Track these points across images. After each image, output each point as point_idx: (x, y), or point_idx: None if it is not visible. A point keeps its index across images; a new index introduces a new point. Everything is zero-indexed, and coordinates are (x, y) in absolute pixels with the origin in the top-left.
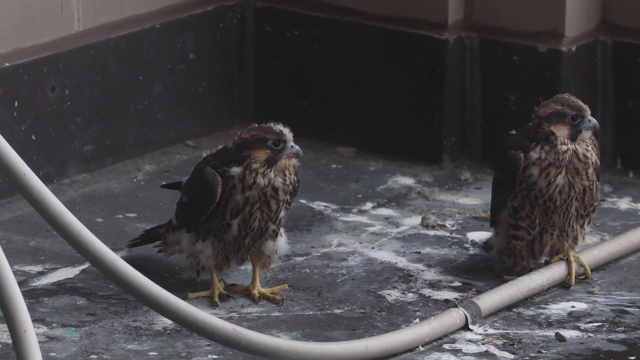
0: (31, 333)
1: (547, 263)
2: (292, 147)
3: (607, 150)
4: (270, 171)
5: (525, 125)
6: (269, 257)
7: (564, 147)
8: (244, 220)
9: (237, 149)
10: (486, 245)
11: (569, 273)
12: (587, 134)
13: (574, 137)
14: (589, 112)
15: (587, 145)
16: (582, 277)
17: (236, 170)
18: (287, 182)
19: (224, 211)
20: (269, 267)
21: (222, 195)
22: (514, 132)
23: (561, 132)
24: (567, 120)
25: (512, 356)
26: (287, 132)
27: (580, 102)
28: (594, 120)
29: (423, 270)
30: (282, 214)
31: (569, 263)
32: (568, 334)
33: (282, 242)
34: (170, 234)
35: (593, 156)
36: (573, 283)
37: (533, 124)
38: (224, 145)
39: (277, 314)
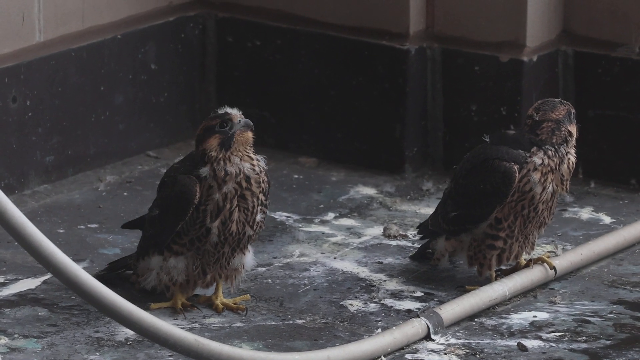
0: None
1: (514, 269)
2: (239, 121)
3: None
4: (231, 154)
5: (506, 133)
6: (235, 270)
7: (568, 150)
8: (224, 222)
9: (196, 148)
10: (422, 251)
11: (547, 264)
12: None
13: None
14: None
15: (575, 153)
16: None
17: (205, 169)
18: (256, 170)
19: (203, 216)
20: (234, 281)
21: (200, 199)
22: (487, 138)
23: (573, 130)
24: (572, 117)
25: None
26: (231, 110)
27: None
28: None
29: (385, 281)
30: (258, 217)
31: (543, 261)
32: (530, 343)
33: (249, 257)
34: (140, 261)
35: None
36: (553, 264)
37: (546, 128)
38: (185, 154)
39: (239, 324)
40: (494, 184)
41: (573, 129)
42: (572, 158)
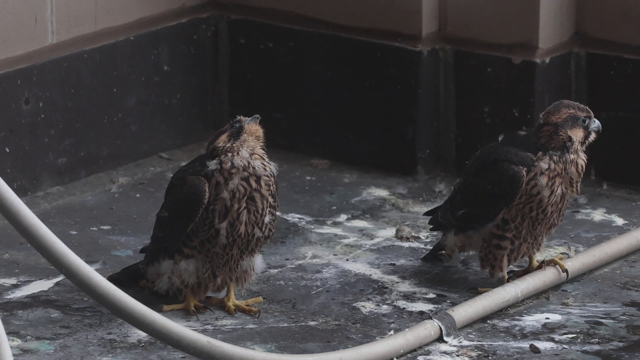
0: (5, 346)
1: (526, 271)
2: (247, 119)
3: None
4: (240, 145)
5: (518, 133)
6: (244, 272)
7: (572, 156)
8: (232, 223)
9: (207, 150)
10: (434, 252)
11: (560, 266)
12: (592, 137)
13: (585, 139)
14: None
15: (585, 156)
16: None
17: (212, 162)
18: (268, 172)
19: (212, 216)
20: (244, 284)
21: (209, 198)
22: (501, 137)
23: (577, 136)
24: (579, 122)
25: None
26: (241, 117)
27: (581, 105)
28: (597, 122)
29: (397, 282)
30: (267, 218)
31: (555, 263)
32: (542, 345)
33: (258, 260)
34: (149, 267)
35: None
36: (565, 266)
37: (545, 132)
38: (197, 156)
39: (251, 326)
40: (501, 187)
41: (575, 133)
42: (582, 162)
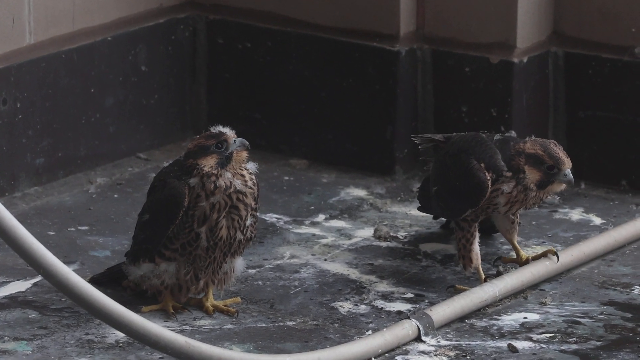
0: None
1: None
2: (234, 142)
3: None
4: (226, 171)
5: (507, 139)
6: (225, 274)
7: (532, 193)
8: (211, 229)
9: (185, 159)
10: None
11: (549, 255)
12: (558, 187)
13: (543, 184)
14: (568, 166)
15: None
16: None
17: (194, 180)
18: (249, 184)
19: (192, 220)
20: (223, 286)
21: (189, 204)
22: (497, 136)
23: (532, 175)
24: (542, 167)
25: None
26: (227, 131)
27: (562, 155)
28: (570, 176)
29: (375, 282)
30: (248, 221)
31: (544, 255)
32: (520, 344)
33: (238, 262)
34: (131, 267)
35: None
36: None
37: (515, 150)
38: (175, 157)
39: (229, 326)
40: (466, 188)
41: (531, 172)
42: (549, 197)
